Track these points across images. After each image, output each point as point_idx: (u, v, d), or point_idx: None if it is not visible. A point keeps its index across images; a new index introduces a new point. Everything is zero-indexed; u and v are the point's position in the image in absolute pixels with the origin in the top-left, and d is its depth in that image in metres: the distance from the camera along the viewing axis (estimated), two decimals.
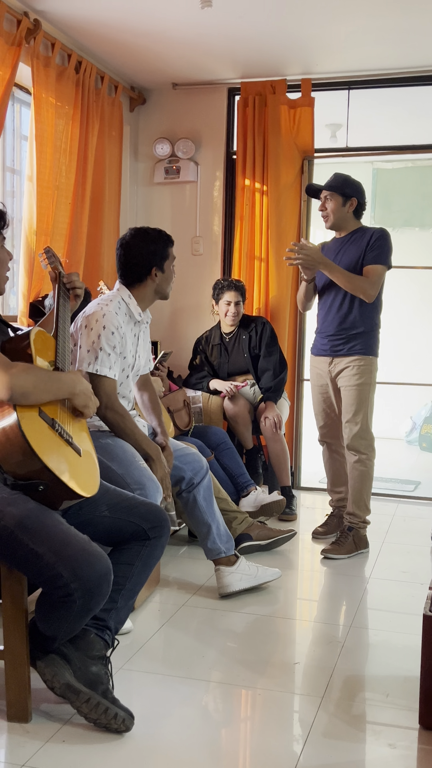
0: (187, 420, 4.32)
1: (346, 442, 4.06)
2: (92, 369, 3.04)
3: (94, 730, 2.27)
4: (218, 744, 2.31)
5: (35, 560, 2.17)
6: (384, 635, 3.10)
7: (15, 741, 2.23)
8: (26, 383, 2.20)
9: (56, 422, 2.31)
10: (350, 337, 4.04)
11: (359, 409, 4.01)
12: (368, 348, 4.05)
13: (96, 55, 4.80)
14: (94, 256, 4.94)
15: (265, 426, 4.64)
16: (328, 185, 4.08)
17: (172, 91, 5.47)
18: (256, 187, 5.30)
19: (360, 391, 4.01)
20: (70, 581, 2.14)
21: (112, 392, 3.09)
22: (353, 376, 4.02)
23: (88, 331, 3.08)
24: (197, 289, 5.50)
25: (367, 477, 4.06)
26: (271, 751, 2.23)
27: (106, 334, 3.07)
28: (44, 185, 4.24)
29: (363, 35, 4.44)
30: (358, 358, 4.03)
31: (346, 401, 4.05)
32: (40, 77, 4.16)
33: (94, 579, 2.18)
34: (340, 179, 4.08)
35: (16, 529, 2.18)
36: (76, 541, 2.21)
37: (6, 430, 2.17)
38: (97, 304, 3.16)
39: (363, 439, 4.03)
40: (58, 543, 2.18)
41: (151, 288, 3.27)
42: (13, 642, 2.30)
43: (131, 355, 3.23)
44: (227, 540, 3.42)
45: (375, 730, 2.35)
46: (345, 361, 4.05)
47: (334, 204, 4.06)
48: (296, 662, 2.81)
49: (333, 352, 4.10)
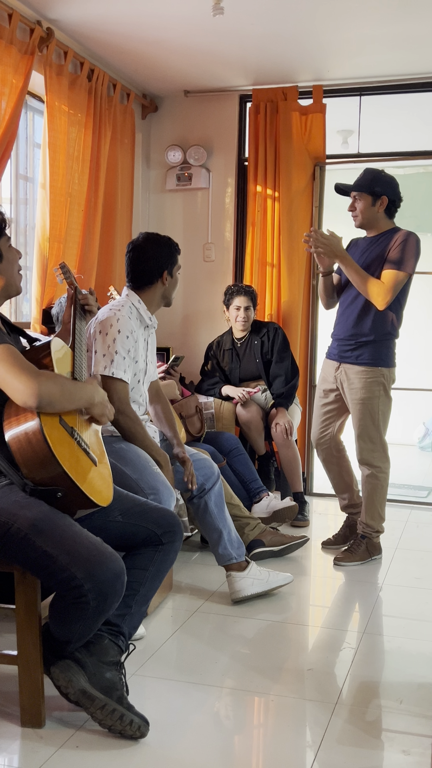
0: (199, 426, 4.32)
1: (358, 456, 3.96)
2: (108, 372, 3.06)
3: (108, 736, 2.27)
4: (231, 750, 2.31)
5: (48, 562, 2.18)
6: (397, 642, 3.09)
7: (28, 746, 2.23)
8: (53, 391, 2.24)
9: (75, 431, 2.34)
10: (359, 345, 3.87)
11: (368, 424, 3.88)
12: (377, 359, 3.86)
13: (108, 63, 4.83)
14: (106, 263, 4.96)
15: (276, 432, 4.64)
16: (357, 184, 3.85)
17: (183, 98, 5.49)
18: (268, 193, 5.31)
19: (367, 406, 3.87)
20: (83, 582, 2.15)
21: (125, 396, 3.11)
22: (360, 390, 3.87)
23: (103, 336, 3.10)
24: (209, 296, 5.51)
25: (380, 489, 3.97)
26: (284, 757, 2.23)
27: (121, 338, 3.10)
28: (57, 192, 4.26)
29: (374, 42, 4.45)
30: (364, 370, 3.86)
31: (354, 415, 3.93)
32: (52, 85, 4.19)
33: (108, 579, 2.18)
34: (369, 176, 3.83)
35: (29, 532, 2.19)
36: (90, 542, 2.22)
37: (29, 435, 2.19)
38: (109, 310, 3.19)
39: (374, 452, 3.92)
40: (71, 544, 2.19)
41: (159, 292, 3.30)
42: (26, 647, 2.31)
43: (143, 359, 3.25)
44: (238, 546, 3.42)
45: (389, 737, 2.35)
46: (352, 371, 3.89)
47: (363, 204, 3.84)
48: (309, 669, 2.80)
49: (341, 358, 3.96)
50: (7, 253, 2.43)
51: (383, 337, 3.87)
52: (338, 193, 3.97)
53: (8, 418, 2.24)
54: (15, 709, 2.37)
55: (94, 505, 2.29)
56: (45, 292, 4.23)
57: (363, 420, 3.89)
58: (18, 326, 2.58)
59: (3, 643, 2.85)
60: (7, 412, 2.25)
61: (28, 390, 2.19)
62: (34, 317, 4.23)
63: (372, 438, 3.90)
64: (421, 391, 6.74)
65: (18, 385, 2.20)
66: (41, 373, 2.25)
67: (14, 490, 2.26)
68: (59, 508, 2.26)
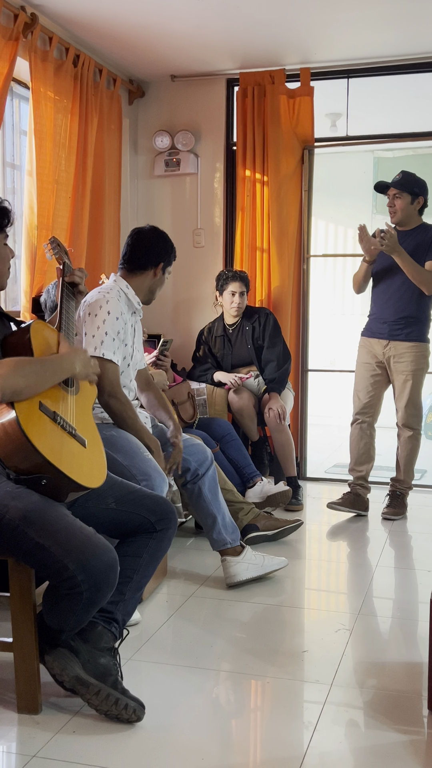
0: (191, 412, 4.32)
1: (402, 421, 4.49)
2: (98, 353, 3.05)
3: (104, 721, 2.28)
4: (228, 732, 2.32)
5: (41, 553, 2.18)
6: (392, 622, 3.11)
7: (25, 732, 2.24)
8: (16, 382, 2.18)
9: (58, 415, 2.31)
10: (408, 323, 4.41)
11: (413, 393, 4.43)
12: (423, 335, 4.44)
13: (94, 48, 4.80)
14: (95, 250, 4.95)
15: (269, 417, 4.65)
16: (399, 183, 4.36)
17: (170, 83, 5.46)
18: (257, 177, 5.29)
19: (415, 376, 4.42)
20: (76, 573, 2.15)
21: (116, 379, 3.10)
22: (410, 363, 4.41)
23: (92, 318, 3.10)
24: (199, 282, 5.50)
25: (417, 449, 4.55)
26: (280, 738, 2.24)
27: (110, 319, 3.09)
28: (44, 180, 4.24)
29: (361, 23, 4.43)
30: (414, 345, 4.41)
31: (401, 385, 4.44)
32: (38, 71, 4.16)
33: (100, 570, 2.18)
34: (410, 178, 4.37)
35: (21, 523, 2.18)
36: (82, 533, 2.21)
37: (5, 426, 2.16)
38: (98, 293, 3.19)
39: (416, 417, 4.49)
40: (63, 535, 2.18)
41: (148, 281, 3.31)
42: (21, 634, 2.31)
43: (131, 344, 3.25)
44: (233, 531, 3.43)
45: (384, 717, 2.36)
46: (402, 347, 4.42)
47: (402, 202, 4.37)
48: (305, 650, 2.82)
49: (390, 336, 4.45)
50: (1, 250, 2.42)
51: (426, 316, 4.48)
52: (377, 190, 4.51)
53: None
54: (11, 696, 2.38)
55: (83, 487, 2.28)
56: (34, 280, 4.21)
57: (412, 389, 4.43)
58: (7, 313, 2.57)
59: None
60: None
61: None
62: (23, 305, 4.22)
63: (416, 404, 4.48)
64: None
65: None
66: (3, 363, 2.19)
67: (3, 481, 2.26)
68: (48, 494, 2.25)
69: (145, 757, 2.14)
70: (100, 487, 2.38)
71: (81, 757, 2.11)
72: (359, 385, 4.60)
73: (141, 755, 2.14)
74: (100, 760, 2.10)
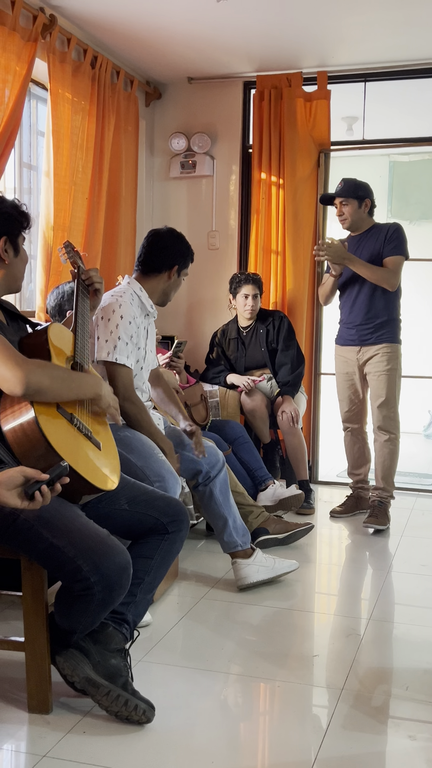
0: (204, 414, 4.32)
1: (377, 424, 4.41)
2: (111, 357, 3.05)
3: (115, 722, 2.28)
4: (237, 736, 2.32)
5: (55, 553, 2.18)
6: (403, 628, 3.09)
7: (36, 732, 2.25)
8: (42, 380, 2.19)
9: (75, 417, 2.32)
10: (377, 326, 4.38)
11: (389, 393, 4.36)
12: (394, 336, 4.40)
13: (112, 50, 4.81)
14: (110, 251, 4.95)
15: (282, 420, 4.64)
16: (343, 192, 4.39)
17: (187, 85, 5.46)
18: (273, 180, 5.29)
19: (389, 377, 4.36)
20: (89, 575, 2.15)
21: (130, 383, 3.11)
22: (382, 363, 4.36)
23: (105, 322, 3.10)
24: (214, 284, 5.50)
25: (395, 454, 4.43)
26: (290, 743, 2.24)
27: (123, 323, 3.10)
28: (61, 181, 4.25)
29: (379, 27, 4.42)
30: (385, 346, 4.37)
31: (376, 387, 4.39)
32: (56, 73, 4.17)
33: (113, 572, 2.19)
34: (352, 184, 4.40)
35: (35, 523, 2.19)
36: (96, 534, 2.22)
37: (24, 426, 2.17)
38: (111, 296, 3.19)
39: (392, 420, 4.40)
40: (77, 536, 2.19)
41: (162, 284, 3.31)
42: (33, 634, 2.32)
43: (143, 347, 3.25)
44: (243, 533, 3.43)
45: (395, 723, 2.35)
46: (373, 349, 4.38)
47: (350, 208, 4.40)
48: (315, 655, 2.81)
49: (361, 342, 4.43)
50: (22, 250, 2.44)
51: (394, 316, 4.41)
52: (323, 203, 4.68)
53: (4, 410, 2.21)
54: (22, 696, 2.38)
55: (98, 490, 2.28)
56: (50, 281, 4.22)
57: (385, 390, 4.36)
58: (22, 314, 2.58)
59: (10, 630, 2.86)
60: (3, 405, 2.22)
61: (14, 378, 2.14)
62: (38, 306, 4.23)
63: (391, 406, 4.38)
64: (427, 378, 6.73)
65: (5, 373, 2.15)
66: (29, 362, 2.20)
67: None
68: (63, 495, 2.26)
69: (154, 758, 2.14)
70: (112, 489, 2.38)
71: (91, 758, 2.12)
72: (341, 394, 4.60)
73: (151, 757, 2.15)
74: (109, 761, 2.11)
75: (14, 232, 2.39)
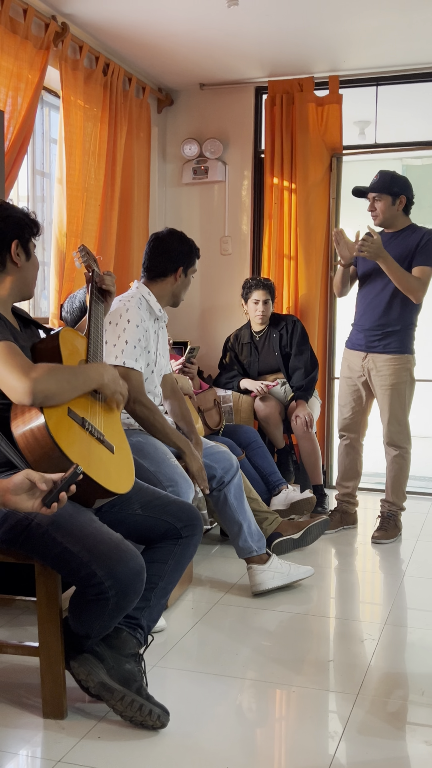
0: (217, 419, 4.31)
1: (386, 439, 4.19)
2: (119, 362, 3.05)
3: (129, 727, 2.28)
4: (253, 741, 2.31)
5: (69, 558, 2.18)
6: (419, 633, 3.07)
7: (51, 737, 2.24)
8: (49, 387, 2.19)
9: (86, 421, 2.32)
10: (386, 334, 4.11)
11: (397, 408, 4.12)
12: (403, 346, 4.11)
13: (123, 57, 4.82)
14: (123, 257, 4.97)
15: (297, 425, 4.63)
16: (377, 187, 4.05)
17: (199, 91, 5.47)
18: (285, 185, 5.28)
19: (396, 391, 4.11)
20: (104, 579, 2.15)
21: (140, 386, 3.10)
22: (389, 377, 4.10)
23: (113, 327, 3.10)
24: (227, 289, 5.50)
25: (406, 469, 4.22)
26: (306, 748, 2.23)
27: (130, 327, 3.09)
28: (74, 187, 4.27)
29: (390, 31, 4.41)
30: (392, 357, 4.10)
31: (383, 401, 4.15)
32: (68, 80, 4.19)
33: (128, 577, 2.18)
34: (388, 178, 4.04)
35: (49, 528, 2.19)
36: (110, 539, 2.22)
37: (34, 432, 2.17)
38: (119, 301, 3.19)
39: (401, 434, 4.17)
40: (91, 541, 2.19)
41: (170, 287, 3.30)
42: (48, 639, 2.32)
43: (154, 351, 3.25)
44: (258, 539, 3.41)
45: (410, 728, 2.34)
46: (380, 359, 4.12)
47: (383, 204, 4.05)
48: (330, 660, 2.80)
49: (368, 348, 4.17)
50: (33, 255, 2.44)
51: (408, 325, 4.13)
52: (356, 195, 4.18)
53: (14, 417, 2.22)
54: (37, 701, 2.38)
55: (111, 493, 2.28)
56: (63, 287, 4.23)
57: (392, 404, 4.12)
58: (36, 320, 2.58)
59: (25, 635, 2.87)
60: (13, 410, 2.23)
61: (21, 389, 2.15)
62: (52, 312, 4.24)
63: (400, 421, 4.15)
64: None
65: (12, 383, 2.17)
66: (34, 368, 2.20)
67: None
68: (76, 500, 2.26)
69: (169, 764, 2.13)
70: (126, 492, 2.38)
71: (105, 763, 2.11)
72: (342, 400, 4.36)
73: (165, 762, 2.14)
74: (124, 767, 2.10)
75: (25, 236, 2.39)
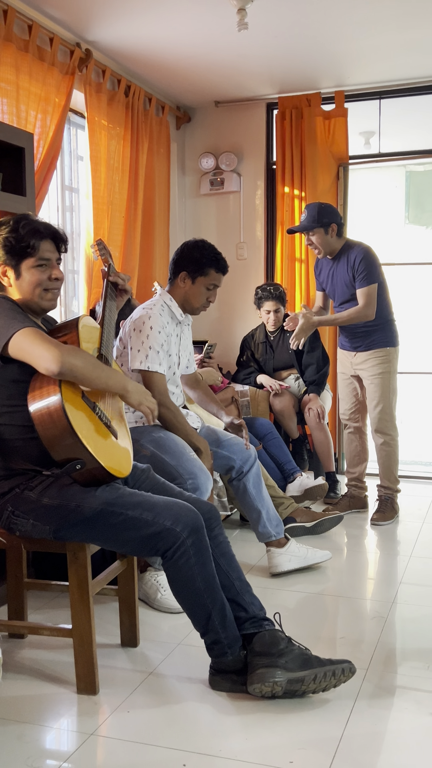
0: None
1: (374, 426, 4.25)
2: (144, 366, 3.06)
3: (158, 701, 2.28)
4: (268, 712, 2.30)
5: (135, 524, 2.21)
6: (426, 610, 3.05)
7: (84, 711, 2.26)
8: (76, 362, 2.19)
9: (97, 406, 2.33)
10: (367, 333, 4.19)
11: (383, 397, 4.19)
12: (386, 340, 4.19)
13: (143, 79, 4.81)
14: (146, 265, 4.97)
15: (310, 417, 4.61)
16: (307, 225, 4.08)
17: (214, 108, 5.45)
18: (296, 194, 5.26)
19: (382, 380, 4.19)
20: (174, 526, 2.20)
21: (164, 388, 3.10)
22: (374, 367, 4.19)
23: (137, 334, 3.11)
24: (242, 292, 5.49)
25: (394, 454, 4.27)
26: (316, 721, 2.22)
27: (153, 333, 3.09)
28: (99, 201, 4.27)
29: (391, 48, 4.36)
30: (377, 351, 4.19)
31: (370, 390, 4.24)
32: (92, 102, 4.19)
33: (192, 518, 2.24)
34: (314, 212, 4.07)
35: (104, 507, 2.22)
36: (160, 498, 2.28)
37: (50, 409, 2.17)
38: (142, 309, 3.19)
39: (387, 422, 4.22)
40: (148, 503, 2.24)
41: (181, 291, 3.25)
42: (80, 621, 2.33)
43: (175, 353, 3.24)
44: (277, 524, 3.41)
45: (417, 700, 2.32)
46: (366, 355, 4.22)
47: (318, 237, 4.10)
48: (341, 636, 2.79)
49: (354, 348, 4.28)
50: (26, 273, 2.33)
51: (387, 321, 4.21)
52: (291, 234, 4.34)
53: (32, 391, 2.21)
54: (72, 678, 2.40)
55: (111, 476, 2.26)
56: (92, 293, 4.25)
57: (379, 393, 4.19)
58: None
59: (60, 617, 2.89)
60: (32, 387, 2.22)
61: (51, 356, 2.14)
62: None
63: (385, 409, 4.20)
64: None
65: (42, 352, 2.15)
66: (64, 345, 2.21)
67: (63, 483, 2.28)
68: (81, 483, 2.26)
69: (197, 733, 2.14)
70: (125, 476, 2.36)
71: (135, 735, 2.12)
72: (341, 393, 4.48)
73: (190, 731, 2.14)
74: (151, 738, 2.11)
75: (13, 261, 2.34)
